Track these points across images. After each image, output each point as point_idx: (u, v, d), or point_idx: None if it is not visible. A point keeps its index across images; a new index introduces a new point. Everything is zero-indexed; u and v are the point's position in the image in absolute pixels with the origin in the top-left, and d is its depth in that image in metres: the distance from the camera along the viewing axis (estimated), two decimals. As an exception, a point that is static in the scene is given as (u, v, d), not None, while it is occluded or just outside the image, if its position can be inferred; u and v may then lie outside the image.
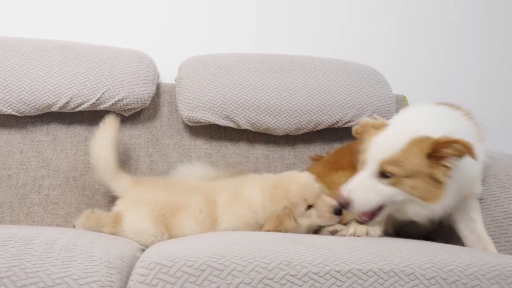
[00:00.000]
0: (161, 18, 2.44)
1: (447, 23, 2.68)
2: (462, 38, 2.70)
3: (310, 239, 1.27)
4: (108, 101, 2.01)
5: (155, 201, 1.72)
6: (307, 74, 2.17)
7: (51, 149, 2.03)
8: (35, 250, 1.10)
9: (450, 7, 2.69)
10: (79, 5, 2.38)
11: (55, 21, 2.35)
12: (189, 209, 1.71)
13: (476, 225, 1.56)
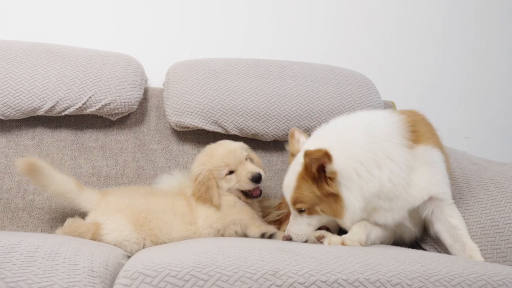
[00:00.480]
0: (150, 21, 2.43)
1: (434, 30, 2.70)
2: (450, 44, 2.71)
3: (296, 247, 1.26)
4: (95, 105, 1.99)
5: (131, 206, 1.70)
6: (296, 79, 2.17)
7: (37, 154, 2.00)
8: (16, 258, 1.08)
9: (438, 15, 2.70)
10: (66, 8, 2.35)
11: (42, 24, 2.33)
12: (177, 211, 1.73)
13: (459, 232, 1.55)
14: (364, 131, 1.58)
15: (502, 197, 1.52)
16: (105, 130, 2.09)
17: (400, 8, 2.66)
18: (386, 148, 1.54)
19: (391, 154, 1.53)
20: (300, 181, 1.56)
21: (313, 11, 2.58)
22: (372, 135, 1.57)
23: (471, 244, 1.52)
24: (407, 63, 2.66)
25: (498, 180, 1.59)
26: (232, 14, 2.51)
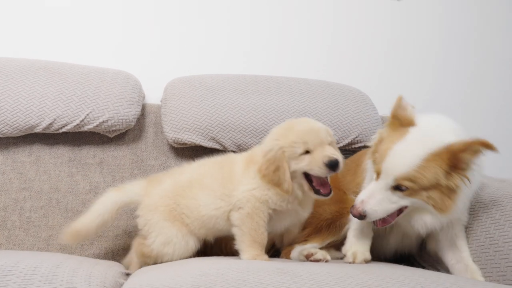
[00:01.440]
0: (147, 38, 2.43)
1: (431, 46, 2.71)
2: (446, 61, 2.72)
3: (295, 267, 1.25)
4: (93, 123, 1.99)
5: (163, 196, 1.71)
6: (294, 95, 2.17)
7: (34, 170, 2.00)
8: (13, 282, 1.08)
9: (434, 31, 2.71)
10: (64, 25, 2.36)
11: (40, 41, 2.33)
12: (203, 182, 1.69)
13: (463, 254, 1.55)
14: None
15: (501, 215, 1.52)
16: (103, 146, 2.08)
17: (396, 24, 2.68)
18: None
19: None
20: (429, 162, 1.41)
21: (311, 27, 2.59)
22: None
23: (473, 266, 1.51)
24: (403, 78, 2.67)
25: (497, 197, 1.59)
26: (231, 31, 2.51)
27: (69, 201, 1.99)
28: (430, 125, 1.51)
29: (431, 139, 1.44)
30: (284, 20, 2.58)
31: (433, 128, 1.48)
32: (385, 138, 1.53)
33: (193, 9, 2.49)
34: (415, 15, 2.69)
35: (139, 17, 2.43)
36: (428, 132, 1.47)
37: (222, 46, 2.50)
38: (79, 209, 1.97)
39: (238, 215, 1.59)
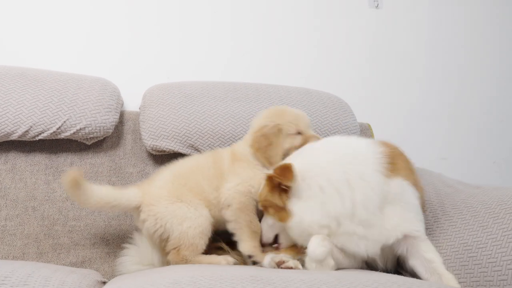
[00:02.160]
0: (126, 44, 2.43)
1: (410, 52, 2.74)
2: (425, 66, 2.76)
3: (269, 275, 1.25)
4: (70, 130, 1.97)
5: (163, 185, 1.75)
6: (273, 102, 2.17)
7: (9, 178, 1.97)
8: (-19, 292, 1.06)
9: (414, 37, 2.74)
10: (41, 31, 2.35)
11: (16, 48, 2.31)
12: (201, 167, 1.76)
13: (434, 265, 1.52)
14: (341, 153, 1.60)
15: (475, 221, 1.53)
16: (80, 154, 2.07)
17: (376, 32, 2.71)
18: (362, 171, 1.54)
19: (366, 176, 1.53)
20: (265, 185, 1.62)
21: (292, 35, 2.61)
22: (349, 157, 1.58)
23: (448, 275, 1.50)
24: (383, 86, 2.70)
25: (471, 203, 1.60)
26: (212, 38, 2.52)
27: (45, 209, 1.96)
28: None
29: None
30: (266, 28, 2.60)
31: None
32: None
33: (173, 16, 2.49)
34: (394, 23, 2.73)
35: (118, 24, 2.43)
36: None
37: (202, 53, 2.51)
38: (55, 217, 1.96)
39: (230, 212, 1.69)
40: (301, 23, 2.63)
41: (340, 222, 1.52)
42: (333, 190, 1.53)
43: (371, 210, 1.51)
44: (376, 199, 1.52)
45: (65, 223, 1.96)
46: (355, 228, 1.52)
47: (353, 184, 1.53)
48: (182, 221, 1.66)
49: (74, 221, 1.97)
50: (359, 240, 1.53)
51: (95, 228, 1.99)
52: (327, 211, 1.52)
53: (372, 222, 1.52)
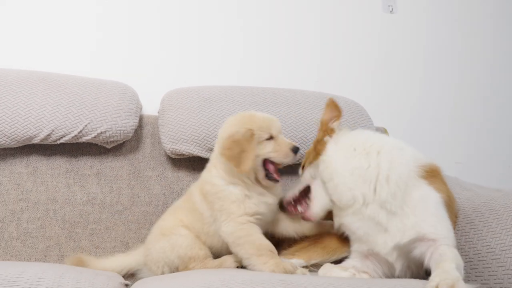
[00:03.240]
0: (144, 50, 2.45)
1: (426, 56, 2.76)
2: (439, 70, 2.77)
3: (297, 279, 1.26)
4: (91, 134, 1.99)
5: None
6: (290, 107, 2.19)
7: (31, 181, 2.00)
8: (20, 292, 1.08)
9: (428, 41, 2.76)
10: (63, 37, 2.37)
11: (38, 53, 2.34)
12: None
13: (444, 257, 1.40)
14: (386, 140, 1.67)
15: (498, 223, 1.54)
16: (100, 157, 2.09)
17: (390, 36, 2.72)
18: (396, 156, 1.57)
19: (397, 160, 1.56)
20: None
21: (308, 40, 2.63)
22: (391, 146, 1.62)
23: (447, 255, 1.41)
24: (397, 89, 2.71)
25: (493, 206, 1.61)
26: (227, 43, 2.55)
27: (66, 212, 1.99)
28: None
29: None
30: (281, 33, 2.61)
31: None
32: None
33: (191, 22, 2.51)
34: (409, 27, 2.74)
35: (136, 30, 2.45)
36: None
37: (218, 58, 2.53)
38: (76, 220, 1.98)
39: (234, 249, 1.63)
40: (316, 27, 2.65)
41: (365, 195, 1.54)
42: (363, 151, 1.59)
43: (392, 189, 1.51)
44: (400, 181, 1.52)
45: (85, 226, 1.98)
46: (379, 211, 1.52)
47: (382, 155, 1.57)
48: (172, 249, 1.66)
49: (95, 224, 1.99)
50: (384, 234, 1.52)
51: (115, 231, 2.01)
52: (353, 165, 1.57)
53: (393, 209, 1.51)
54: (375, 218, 1.52)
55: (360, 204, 1.54)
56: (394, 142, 1.66)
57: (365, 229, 1.55)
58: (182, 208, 1.78)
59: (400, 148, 1.63)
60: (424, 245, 1.47)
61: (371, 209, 1.53)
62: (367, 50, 2.69)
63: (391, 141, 1.68)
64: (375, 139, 1.66)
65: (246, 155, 1.58)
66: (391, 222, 1.51)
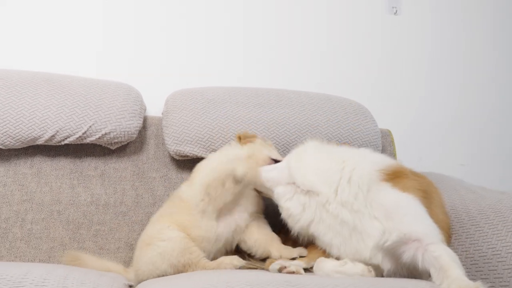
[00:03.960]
0: (149, 51, 2.45)
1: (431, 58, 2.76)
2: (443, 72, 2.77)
3: (302, 280, 1.26)
4: (95, 135, 1.99)
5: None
6: (294, 108, 2.19)
7: (35, 182, 2.00)
8: (25, 292, 1.08)
9: (433, 43, 2.76)
10: (66, 38, 2.38)
11: (42, 54, 2.34)
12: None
13: (441, 260, 1.37)
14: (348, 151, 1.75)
15: (503, 226, 1.53)
16: (104, 158, 2.09)
17: (395, 38, 2.72)
18: (360, 162, 1.63)
19: (360, 166, 1.60)
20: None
21: (311, 41, 2.63)
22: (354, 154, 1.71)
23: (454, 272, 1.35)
24: (401, 90, 2.71)
25: (499, 208, 1.61)
26: (230, 45, 2.55)
27: (70, 213, 1.99)
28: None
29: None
30: (284, 34, 2.61)
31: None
32: None
33: (195, 24, 2.52)
34: (413, 29, 2.74)
35: (141, 31, 2.46)
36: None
37: (221, 59, 2.53)
38: (80, 221, 1.98)
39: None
40: (320, 29, 2.65)
41: (327, 194, 1.57)
42: (330, 158, 1.66)
43: (353, 190, 1.55)
44: (361, 183, 1.56)
45: (89, 227, 1.99)
46: (341, 209, 1.55)
47: (346, 162, 1.62)
48: (163, 258, 1.64)
49: (99, 225, 1.99)
50: (352, 232, 1.54)
51: (119, 232, 2.01)
52: (317, 166, 1.64)
53: (355, 208, 1.53)
54: (339, 215, 1.55)
55: (324, 200, 1.58)
56: (358, 151, 1.76)
57: (338, 234, 1.56)
58: (167, 212, 1.81)
59: (363, 155, 1.69)
60: (411, 248, 1.44)
61: (333, 207, 1.56)
62: (371, 51, 2.69)
63: (356, 150, 1.77)
64: (342, 150, 1.74)
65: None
66: (360, 222, 1.53)
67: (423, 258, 1.41)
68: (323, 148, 1.74)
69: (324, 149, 1.73)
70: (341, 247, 1.56)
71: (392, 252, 1.49)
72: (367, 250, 1.52)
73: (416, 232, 1.44)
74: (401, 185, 1.56)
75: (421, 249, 1.41)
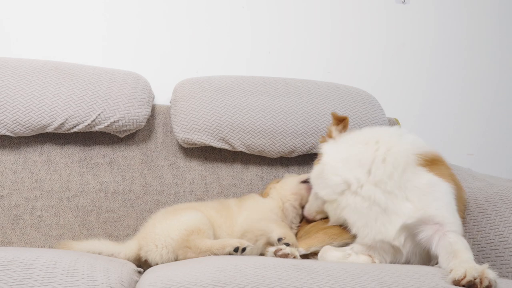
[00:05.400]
0: (156, 40, 2.46)
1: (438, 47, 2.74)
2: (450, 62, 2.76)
3: (310, 264, 1.27)
4: (104, 123, 2.00)
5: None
6: (302, 97, 2.19)
7: (45, 170, 2.02)
8: (36, 274, 1.09)
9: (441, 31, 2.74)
10: (74, 26, 2.39)
11: (51, 42, 2.35)
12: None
13: (456, 246, 1.39)
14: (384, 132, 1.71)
15: (510, 213, 1.54)
16: (113, 146, 2.10)
17: (402, 27, 2.71)
18: (394, 144, 1.60)
19: (396, 147, 1.59)
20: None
21: (319, 30, 2.62)
22: (390, 135, 1.67)
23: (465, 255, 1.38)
24: (408, 80, 2.70)
25: (506, 196, 1.61)
26: (236, 33, 2.54)
27: (79, 201, 2.00)
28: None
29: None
30: (293, 23, 2.61)
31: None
32: None
33: (201, 12, 2.52)
34: (421, 18, 2.72)
35: (148, 20, 2.46)
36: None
37: (227, 48, 2.53)
38: (89, 209, 2.00)
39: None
40: (327, 17, 2.64)
41: (359, 177, 1.57)
42: (362, 141, 1.64)
43: (388, 170, 1.53)
44: (396, 163, 1.54)
45: (98, 215, 2.00)
46: (374, 190, 1.53)
47: (380, 143, 1.61)
48: (181, 223, 1.70)
49: (108, 213, 2.01)
50: (380, 214, 1.52)
51: (128, 219, 2.03)
52: (349, 153, 1.62)
53: (388, 189, 1.52)
54: (371, 197, 1.53)
55: (355, 187, 1.57)
56: (393, 131, 1.71)
57: (364, 216, 1.55)
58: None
59: (399, 135, 1.66)
60: (431, 229, 1.46)
61: (366, 189, 1.55)
62: (379, 40, 2.68)
63: (390, 130, 1.72)
64: (374, 130, 1.73)
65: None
66: (392, 202, 1.51)
67: (438, 242, 1.43)
68: (353, 135, 1.72)
69: (349, 138, 1.72)
70: (363, 228, 1.56)
71: (412, 230, 1.50)
72: (393, 231, 1.50)
73: (442, 217, 1.47)
74: (438, 171, 1.56)
75: (440, 233, 1.44)
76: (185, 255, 1.65)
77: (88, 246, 1.76)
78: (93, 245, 1.77)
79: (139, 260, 1.74)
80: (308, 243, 1.72)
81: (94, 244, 1.77)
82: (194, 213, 1.74)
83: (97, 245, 1.76)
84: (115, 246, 1.78)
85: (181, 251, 1.66)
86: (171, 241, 1.67)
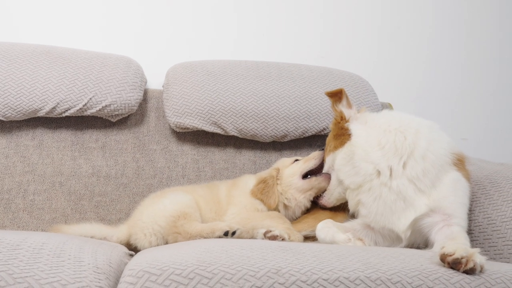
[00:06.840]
0: (149, 24, 2.45)
1: (432, 32, 2.73)
2: (445, 46, 2.75)
3: (296, 246, 1.28)
4: (95, 107, 2.00)
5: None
6: (295, 81, 2.19)
7: (37, 154, 2.02)
8: (22, 255, 1.10)
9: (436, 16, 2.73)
10: (67, 11, 2.37)
11: (42, 26, 2.34)
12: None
13: (455, 235, 1.42)
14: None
15: (499, 196, 1.54)
16: (105, 130, 2.10)
17: (396, 11, 2.69)
18: (434, 138, 1.57)
19: (437, 141, 1.56)
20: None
21: (311, 15, 2.60)
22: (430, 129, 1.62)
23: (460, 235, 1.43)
24: (402, 64, 2.69)
25: (495, 179, 1.62)
26: (223, 17, 2.52)
27: (72, 185, 2.01)
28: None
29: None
30: (285, 6, 2.59)
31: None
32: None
33: None
34: (417, 1, 2.70)
35: (141, 4, 2.45)
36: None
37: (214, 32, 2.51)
38: (82, 192, 2.00)
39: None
40: (320, 2, 2.62)
41: (394, 168, 1.51)
42: (398, 128, 1.57)
43: (427, 167, 1.50)
44: (437, 162, 1.52)
45: (91, 198, 2.01)
46: (407, 186, 1.49)
47: (421, 134, 1.55)
48: (171, 204, 1.69)
49: (100, 197, 2.02)
50: (400, 209, 1.50)
51: (120, 203, 2.03)
52: (386, 139, 1.55)
53: (422, 187, 1.50)
54: (402, 192, 1.49)
55: (385, 177, 1.51)
56: (430, 124, 1.63)
57: (384, 207, 1.52)
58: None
59: (437, 130, 1.62)
60: (438, 217, 1.47)
61: (398, 183, 1.50)
62: (372, 23, 2.66)
63: (427, 122, 1.64)
64: (410, 118, 1.65)
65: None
66: (418, 199, 1.49)
67: (441, 229, 1.45)
68: (386, 119, 1.65)
69: (382, 122, 1.63)
70: (375, 215, 1.54)
71: (420, 220, 1.49)
72: (406, 224, 1.49)
73: (453, 210, 1.48)
74: (464, 172, 1.56)
75: (446, 222, 1.46)
76: (175, 240, 1.65)
77: (81, 230, 1.76)
78: (85, 228, 1.78)
79: (132, 244, 1.74)
80: (299, 227, 1.74)
81: (86, 228, 1.78)
82: (179, 196, 1.74)
83: (89, 229, 1.77)
84: (108, 230, 1.79)
85: (171, 237, 1.66)
86: (159, 228, 1.67)
